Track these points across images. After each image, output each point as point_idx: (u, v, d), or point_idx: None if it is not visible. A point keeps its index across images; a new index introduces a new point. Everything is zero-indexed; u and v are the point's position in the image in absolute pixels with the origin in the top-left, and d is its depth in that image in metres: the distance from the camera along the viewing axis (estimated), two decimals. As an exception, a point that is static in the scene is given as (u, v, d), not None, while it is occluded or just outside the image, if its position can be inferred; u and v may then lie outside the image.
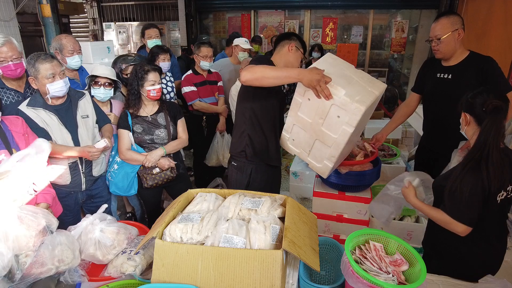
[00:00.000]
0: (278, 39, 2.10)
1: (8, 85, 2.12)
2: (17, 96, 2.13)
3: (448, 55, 2.14)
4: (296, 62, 2.07)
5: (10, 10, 4.67)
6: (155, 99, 2.25)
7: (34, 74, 1.86)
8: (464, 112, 1.51)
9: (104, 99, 2.37)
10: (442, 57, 2.18)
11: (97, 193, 2.26)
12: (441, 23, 2.08)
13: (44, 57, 1.87)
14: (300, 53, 2.06)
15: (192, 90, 3.23)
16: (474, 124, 1.47)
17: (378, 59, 6.42)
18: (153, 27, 3.47)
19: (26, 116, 1.87)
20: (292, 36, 2.06)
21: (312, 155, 1.85)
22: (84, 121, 2.08)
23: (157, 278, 1.20)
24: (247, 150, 2.04)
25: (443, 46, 2.10)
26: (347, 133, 1.61)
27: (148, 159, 2.21)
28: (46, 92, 1.89)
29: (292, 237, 1.21)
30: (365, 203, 2.21)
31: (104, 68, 2.33)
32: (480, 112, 1.43)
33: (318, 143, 1.76)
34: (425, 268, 1.19)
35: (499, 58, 3.67)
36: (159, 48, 3.02)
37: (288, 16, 6.55)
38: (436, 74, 2.26)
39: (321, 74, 1.55)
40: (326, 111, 1.63)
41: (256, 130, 2.01)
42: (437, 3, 5.62)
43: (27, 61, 1.89)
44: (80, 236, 1.51)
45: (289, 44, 2.02)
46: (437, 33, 2.09)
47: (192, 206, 1.46)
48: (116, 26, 7.83)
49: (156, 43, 3.40)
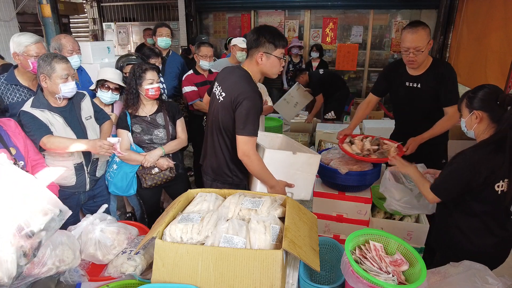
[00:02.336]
0: (247, 45, 1.83)
1: (22, 83, 2.16)
2: (29, 94, 2.17)
3: (421, 64, 2.20)
4: (272, 68, 1.82)
5: (10, 10, 4.67)
6: (153, 98, 2.24)
7: (49, 73, 1.86)
8: (476, 110, 1.52)
9: (109, 102, 2.40)
10: (417, 67, 2.22)
11: (98, 193, 2.26)
12: (420, 35, 2.07)
13: (60, 57, 1.90)
14: (273, 58, 1.78)
15: (193, 90, 3.23)
16: (487, 120, 1.50)
17: (378, 59, 6.42)
18: (165, 26, 3.56)
19: (29, 114, 1.87)
20: (260, 39, 1.74)
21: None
22: (89, 122, 2.09)
23: (157, 278, 1.20)
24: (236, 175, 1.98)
25: (422, 57, 2.12)
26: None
27: (147, 159, 2.21)
28: (56, 91, 1.89)
29: (292, 237, 1.21)
30: (365, 203, 2.21)
31: (113, 72, 2.35)
32: (495, 106, 1.47)
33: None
34: (425, 268, 1.19)
35: (499, 58, 3.70)
36: (151, 51, 3.05)
37: (288, 16, 6.55)
38: (405, 82, 2.32)
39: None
40: None
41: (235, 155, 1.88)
42: (437, 3, 5.62)
43: (41, 59, 1.89)
44: (80, 236, 1.51)
45: (256, 54, 1.77)
46: (418, 45, 2.07)
47: (192, 206, 1.46)
48: (116, 26, 7.83)
49: (165, 42, 3.51)
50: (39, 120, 1.88)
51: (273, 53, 1.77)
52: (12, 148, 1.79)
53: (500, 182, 1.46)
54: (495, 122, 1.48)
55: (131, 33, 7.78)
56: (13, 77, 2.16)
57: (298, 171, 1.92)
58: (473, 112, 1.53)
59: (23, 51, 2.10)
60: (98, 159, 2.17)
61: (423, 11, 5.92)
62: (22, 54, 2.10)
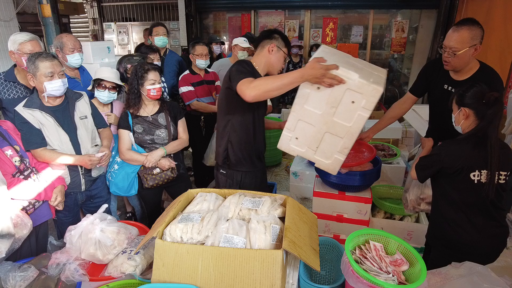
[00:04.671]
0: (259, 38, 2.00)
1: (20, 80, 2.22)
2: (26, 92, 2.23)
3: (458, 68, 1.97)
4: (278, 62, 1.99)
5: (10, 10, 4.67)
6: (155, 98, 2.24)
7: (33, 72, 1.88)
8: (464, 107, 1.60)
9: (107, 101, 2.38)
10: (451, 69, 2.01)
11: (96, 194, 2.26)
12: (461, 35, 1.85)
13: (45, 56, 1.89)
14: (282, 53, 1.97)
15: (189, 90, 3.23)
16: (473, 117, 1.59)
17: (378, 59, 6.42)
18: (161, 25, 3.60)
19: (21, 117, 1.89)
20: (274, 34, 1.96)
21: (320, 152, 1.74)
22: (83, 122, 2.08)
23: (157, 278, 1.20)
24: (229, 158, 2.02)
25: (456, 61, 1.90)
26: (363, 119, 1.56)
27: (148, 160, 2.21)
28: (41, 90, 1.90)
29: (292, 237, 1.21)
30: (365, 203, 2.21)
31: (109, 71, 2.34)
32: (481, 105, 1.55)
33: (328, 136, 1.67)
34: (425, 268, 1.19)
35: (499, 58, 3.70)
36: (147, 48, 3.06)
37: (288, 16, 6.55)
38: (443, 85, 2.09)
39: (324, 67, 1.48)
40: (339, 98, 1.55)
41: (239, 138, 1.97)
42: (437, 3, 5.62)
43: (28, 58, 1.91)
44: (80, 236, 1.51)
45: (269, 45, 1.94)
46: (453, 46, 1.87)
47: (192, 206, 1.46)
48: (116, 26, 7.83)
49: (162, 40, 3.54)
50: (30, 126, 1.89)
51: (282, 49, 1.96)
52: (16, 146, 1.82)
53: (476, 172, 1.54)
54: (479, 119, 1.57)
55: (131, 33, 7.78)
56: (12, 75, 2.21)
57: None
58: (461, 109, 1.62)
59: (17, 49, 2.15)
60: None
61: (423, 11, 5.92)
62: (16, 52, 2.15)
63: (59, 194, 1.92)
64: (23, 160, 1.83)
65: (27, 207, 1.80)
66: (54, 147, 1.96)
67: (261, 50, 1.97)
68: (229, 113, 1.95)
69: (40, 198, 1.84)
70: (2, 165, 1.73)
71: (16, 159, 1.79)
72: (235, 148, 1.99)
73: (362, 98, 1.51)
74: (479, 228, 1.60)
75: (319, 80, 1.51)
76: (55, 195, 1.90)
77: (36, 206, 1.85)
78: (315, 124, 1.67)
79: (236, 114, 1.94)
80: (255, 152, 2.07)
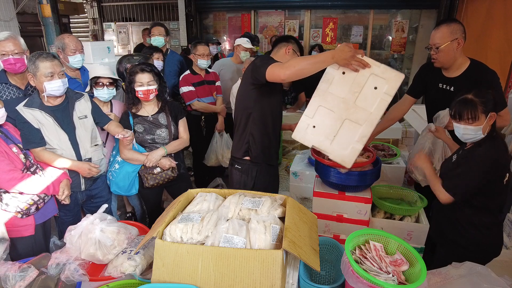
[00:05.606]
0: (277, 41, 2.14)
1: (12, 81, 2.22)
2: (18, 92, 2.21)
3: (447, 64, 2.09)
4: None
5: (10, 10, 4.67)
6: (144, 100, 2.24)
7: (33, 71, 1.89)
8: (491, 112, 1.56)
9: (108, 99, 2.37)
10: (441, 66, 2.12)
11: (96, 193, 2.26)
12: (441, 31, 2.01)
13: (45, 56, 1.90)
14: (296, 56, 2.07)
15: (190, 90, 3.23)
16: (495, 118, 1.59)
17: (378, 59, 6.30)
18: (159, 25, 3.63)
19: (21, 117, 1.90)
20: (290, 39, 2.10)
21: (336, 142, 1.74)
22: (82, 122, 2.08)
23: (157, 278, 1.20)
24: (251, 151, 2.09)
25: (442, 55, 2.04)
26: (384, 104, 1.62)
27: (149, 159, 2.21)
28: (41, 90, 1.91)
29: (292, 237, 1.21)
30: (365, 203, 2.21)
31: (103, 68, 2.34)
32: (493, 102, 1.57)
33: (348, 123, 1.69)
34: (425, 268, 1.19)
35: (499, 58, 3.70)
36: (150, 48, 3.09)
37: (288, 16, 6.55)
38: (438, 84, 2.20)
39: (352, 49, 1.59)
40: (362, 83, 1.63)
41: (259, 130, 2.07)
42: (437, 3, 5.62)
43: (29, 58, 1.92)
44: (80, 236, 1.51)
45: (286, 47, 2.06)
46: (436, 42, 2.02)
47: (192, 206, 1.46)
48: (116, 26, 7.83)
49: (158, 41, 3.54)
50: (30, 126, 1.90)
51: (297, 52, 2.09)
52: (19, 144, 1.85)
53: (507, 176, 1.55)
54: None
55: (131, 33, 7.78)
56: (3, 76, 2.21)
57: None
58: (489, 115, 1.56)
59: None
60: (91, 158, 2.14)
61: (423, 11, 5.92)
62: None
63: (65, 188, 1.94)
64: (27, 157, 1.86)
65: (37, 201, 1.84)
66: (53, 146, 1.97)
67: (278, 50, 2.09)
68: (250, 107, 2.04)
69: (49, 192, 1.87)
70: (12, 161, 1.77)
71: (21, 156, 1.83)
72: (256, 140, 2.08)
73: (384, 83, 1.58)
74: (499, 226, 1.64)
75: (347, 62, 1.61)
76: (62, 189, 1.92)
77: (46, 200, 1.89)
78: (336, 111, 1.71)
79: (256, 108, 2.03)
80: (273, 146, 2.17)
